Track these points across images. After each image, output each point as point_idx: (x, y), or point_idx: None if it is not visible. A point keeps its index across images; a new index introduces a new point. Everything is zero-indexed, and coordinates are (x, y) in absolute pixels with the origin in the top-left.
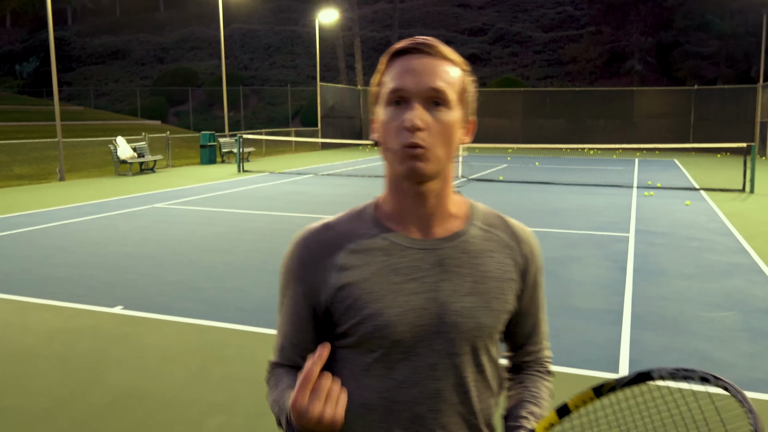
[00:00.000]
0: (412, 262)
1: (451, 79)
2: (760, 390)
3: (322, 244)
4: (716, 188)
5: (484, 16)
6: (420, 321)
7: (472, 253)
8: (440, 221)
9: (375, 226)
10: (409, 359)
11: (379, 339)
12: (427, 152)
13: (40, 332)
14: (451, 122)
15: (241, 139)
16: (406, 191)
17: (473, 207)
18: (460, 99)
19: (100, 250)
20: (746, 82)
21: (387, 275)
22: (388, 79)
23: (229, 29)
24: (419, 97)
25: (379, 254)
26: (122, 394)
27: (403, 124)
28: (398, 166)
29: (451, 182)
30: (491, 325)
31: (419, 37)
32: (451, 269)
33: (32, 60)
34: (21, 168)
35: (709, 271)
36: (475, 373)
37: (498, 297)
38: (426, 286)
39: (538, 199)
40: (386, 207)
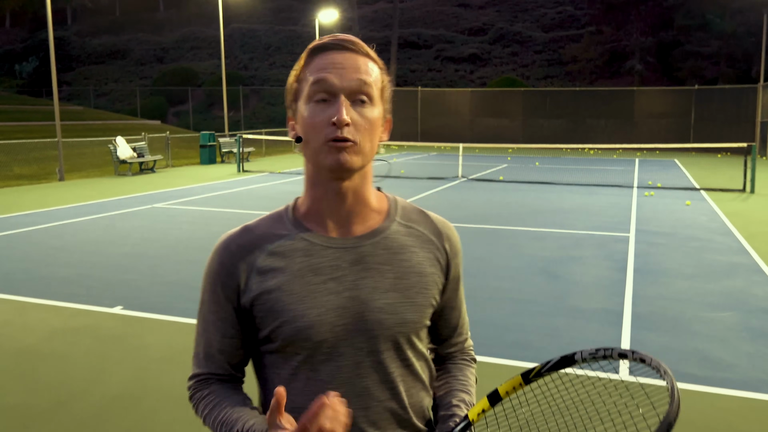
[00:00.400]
0: (332, 261)
1: (374, 75)
2: (761, 390)
3: (242, 247)
4: (717, 188)
5: (485, 16)
6: (340, 320)
7: (393, 249)
8: (360, 219)
9: (294, 227)
10: (333, 359)
11: (301, 341)
12: (354, 146)
13: (39, 332)
14: (374, 118)
15: (241, 139)
16: (326, 190)
17: (394, 203)
18: (381, 96)
19: (99, 249)
20: (747, 81)
21: (306, 276)
22: (310, 74)
23: (229, 29)
24: (345, 92)
25: (299, 255)
26: (122, 393)
27: (331, 119)
28: (323, 160)
29: (370, 179)
30: (416, 320)
31: (339, 34)
32: (372, 266)
33: (32, 60)
34: (20, 168)
35: (710, 271)
36: (401, 368)
37: (421, 292)
38: (345, 284)
39: (538, 199)
40: (305, 207)
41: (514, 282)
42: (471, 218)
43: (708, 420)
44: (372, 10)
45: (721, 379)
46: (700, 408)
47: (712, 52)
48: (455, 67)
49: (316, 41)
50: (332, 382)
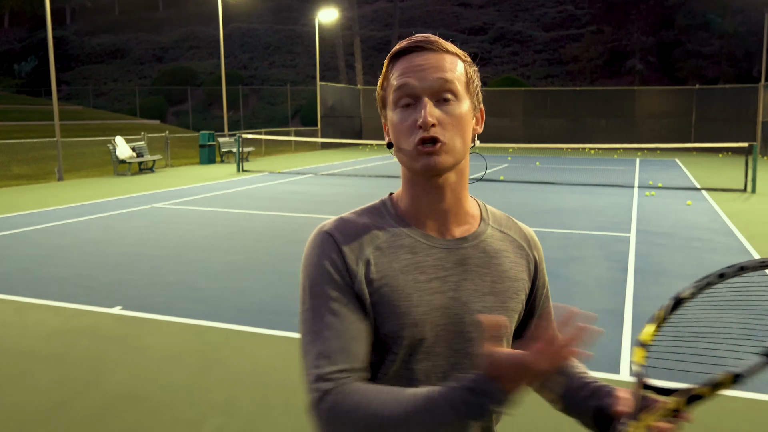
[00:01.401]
0: (436, 260)
1: (456, 70)
2: (762, 391)
3: (348, 236)
4: (718, 188)
5: (485, 15)
6: (441, 320)
7: (489, 253)
8: (457, 219)
9: (397, 223)
10: (430, 359)
11: (403, 338)
12: (443, 146)
13: (38, 332)
14: (462, 113)
15: (241, 138)
16: (423, 187)
17: (484, 207)
18: (467, 89)
19: (98, 250)
20: (748, 81)
21: (412, 273)
22: (393, 80)
23: (229, 28)
24: (428, 93)
25: (405, 251)
26: (121, 394)
27: (416, 122)
28: (415, 164)
29: (467, 178)
30: (508, 324)
31: (417, 35)
32: (473, 269)
33: (31, 59)
34: (19, 168)
35: (711, 271)
36: None
37: (513, 297)
38: (449, 285)
39: (538, 199)
40: (404, 205)
41: None
42: None
43: (710, 420)
44: (372, 9)
45: None
46: (702, 409)
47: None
48: None
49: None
50: (425, 381)
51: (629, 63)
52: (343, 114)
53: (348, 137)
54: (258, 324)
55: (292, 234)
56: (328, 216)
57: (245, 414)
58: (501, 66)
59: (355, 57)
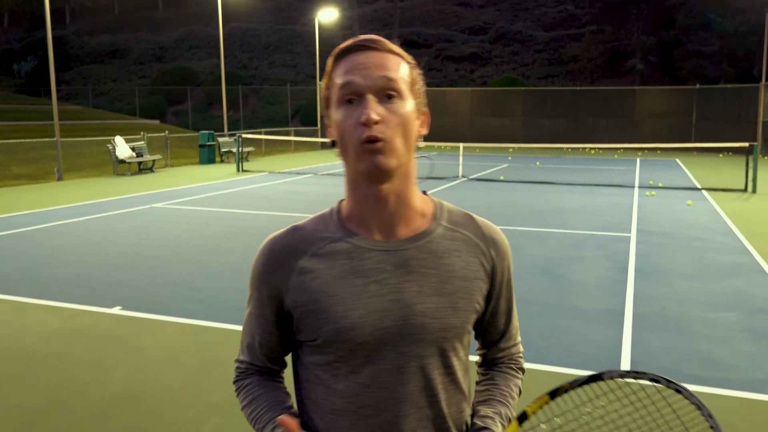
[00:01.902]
0: (375, 264)
1: (400, 70)
2: (763, 391)
3: (287, 248)
4: (718, 188)
5: (485, 15)
6: (383, 323)
7: (437, 253)
8: (404, 221)
9: (339, 229)
10: (374, 362)
11: (342, 342)
12: (386, 145)
13: (38, 333)
14: (406, 113)
15: (240, 138)
16: (366, 193)
17: (439, 206)
18: (410, 90)
19: (98, 250)
20: (748, 81)
21: (348, 278)
22: (337, 79)
23: (228, 28)
24: (371, 91)
25: (341, 257)
26: (120, 394)
27: (359, 119)
28: (358, 164)
29: (414, 179)
30: (459, 325)
31: (362, 35)
32: (416, 270)
33: (30, 59)
34: (19, 168)
35: (711, 271)
36: (443, 375)
37: (465, 297)
38: (388, 287)
39: (539, 199)
40: (348, 209)
41: (515, 282)
42: None
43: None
44: (372, 9)
45: (722, 379)
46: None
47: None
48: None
49: (339, 46)
50: (371, 385)
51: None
52: None
53: None
54: None
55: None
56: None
57: None
58: (501, 66)
59: None
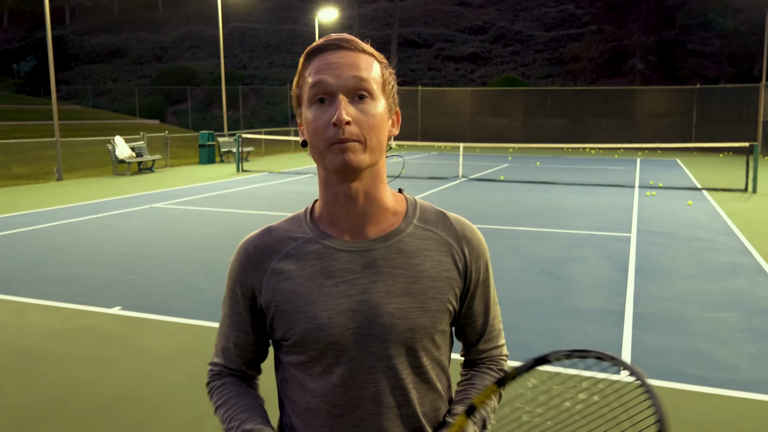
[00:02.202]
0: (344, 264)
1: (372, 70)
2: (763, 391)
3: (260, 248)
4: (719, 188)
5: (485, 15)
6: (351, 323)
7: (407, 253)
8: (374, 220)
9: (310, 229)
10: (345, 362)
11: (312, 342)
12: (357, 144)
13: (37, 333)
14: (377, 113)
15: (240, 138)
16: (336, 193)
17: (413, 204)
18: (382, 90)
19: (98, 250)
20: (749, 81)
21: (318, 279)
22: (308, 78)
23: (228, 28)
24: (343, 91)
25: (312, 258)
26: (120, 395)
27: (330, 119)
28: (328, 162)
29: (384, 179)
30: (428, 325)
31: (333, 34)
32: (384, 270)
33: (30, 59)
34: (18, 167)
35: (712, 271)
36: (413, 374)
37: (435, 297)
38: (357, 288)
39: (539, 199)
40: (320, 210)
41: (515, 282)
42: (471, 218)
43: (710, 421)
44: (372, 8)
45: (723, 379)
46: (702, 409)
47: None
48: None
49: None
50: (343, 384)
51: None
52: None
53: None
54: None
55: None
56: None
57: None
58: (501, 65)
59: None
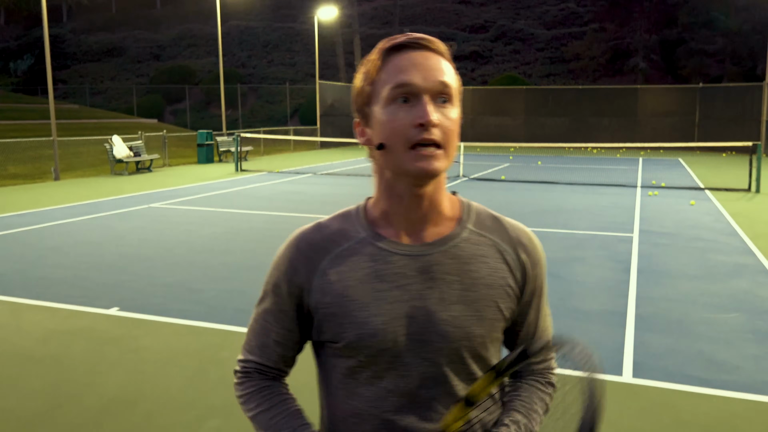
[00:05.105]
0: (398, 268)
1: (453, 75)
2: (766, 393)
3: (313, 246)
4: (721, 188)
5: (486, 13)
6: (405, 330)
7: (462, 259)
8: (431, 225)
9: (364, 229)
10: (397, 368)
11: (364, 348)
12: (440, 152)
13: (34, 334)
14: (456, 120)
15: (239, 137)
16: (402, 194)
17: (467, 208)
18: (458, 97)
19: (95, 250)
20: (752, 79)
21: (371, 282)
22: (388, 76)
23: (227, 26)
24: (428, 93)
25: (365, 260)
26: (118, 397)
27: (418, 120)
28: (409, 167)
29: (445, 183)
30: (482, 334)
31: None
32: (439, 276)
33: (27, 57)
34: (15, 167)
35: (715, 271)
36: (465, 382)
37: (490, 305)
38: (410, 293)
39: (540, 198)
40: (377, 210)
41: None
42: None
43: (712, 423)
44: (372, 6)
45: (725, 381)
46: (705, 411)
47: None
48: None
49: (390, 40)
50: (395, 390)
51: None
52: (343, 113)
53: (347, 136)
54: None
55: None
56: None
57: (243, 416)
58: (502, 64)
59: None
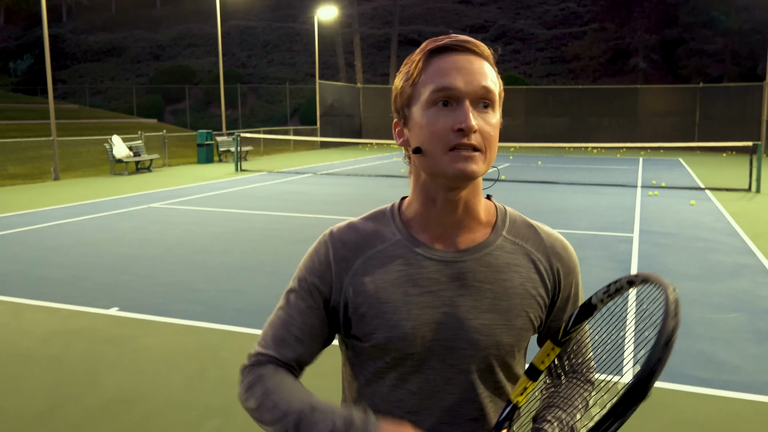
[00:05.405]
0: (431, 273)
1: (495, 80)
2: (763, 392)
3: (347, 245)
4: (722, 188)
5: (486, 13)
6: (434, 335)
7: (495, 267)
8: (466, 231)
9: (400, 231)
10: (423, 372)
11: (392, 350)
12: (478, 154)
13: (34, 334)
14: (497, 125)
15: (239, 137)
16: (436, 197)
17: (503, 214)
18: (500, 102)
19: (95, 250)
20: (752, 79)
21: (404, 285)
22: (429, 78)
23: (227, 26)
24: (470, 98)
25: (398, 263)
26: (117, 397)
27: (458, 125)
28: (446, 168)
29: (481, 188)
30: (511, 343)
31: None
32: (471, 284)
33: (26, 57)
34: (15, 167)
35: (715, 271)
36: (491, 389)
37: (521, 315)
38: (443, 299)
39: (540, 198)
40: (411, 212)
41: None
42: None
43: (713, 423)
44: (372, 6)
45: (726, 381)
46: (705, 411)
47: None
48: None
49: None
50: (419, 394)
51: (632, 61)
52: (343, 113)
53: (347, 136)
54: (256, 325)
55: (290, 234)
56: (326, 216)
57: (243, 416)
58: (502, 64)
59: (354, 55)
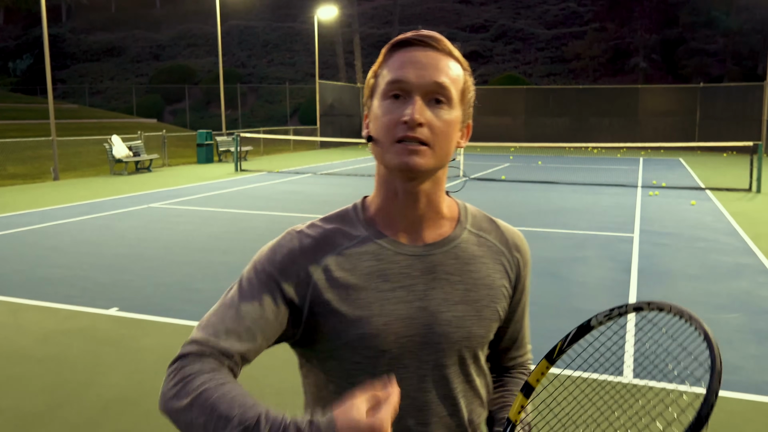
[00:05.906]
0: (402, 268)
1: (455, 76)
2: (763, 392)
3: (313, 241)
4: (722, 188)
5: (486, 13)
6: (407, 331)
7: (463, 260)
8: (431, 225)
9: (365, 228)
10: (396, 370)
11: (364, 348)
12: (425, 149)
13: (33, 334)
14: (451, 121)
15: (239, 137)
16: (397, 191)
17: (464, 209)
18: (461, 99)
19: (95, 250)
20: (753, 79)
21: (375, 281)
22: (387, 71)
23: (227, 26)
24: (421, 92)
25: (368, 259)
26: (117, 397)
27: (402, 117)
28: (391, 160)
29: (444, 185)
30: (482, 334)
31: (423, 30)
32: (442, 277)
33: (26, 57)
34: (14, 167)
35: (715, 272)
36: (463, 383)
37: (489, 305)
38: (416, 294)
39: (540, 198)
40: (374, 208)
41: None
42: None
43: (713, 423)
44: (372, 6)
45: (726, 381)
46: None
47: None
48: None
49: (398, 36)
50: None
51: (632, 61)
52: (343, 112)
53: (347, 136)
54: None
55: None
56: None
57: None
58: (502, 64)
59: (354, 55)
